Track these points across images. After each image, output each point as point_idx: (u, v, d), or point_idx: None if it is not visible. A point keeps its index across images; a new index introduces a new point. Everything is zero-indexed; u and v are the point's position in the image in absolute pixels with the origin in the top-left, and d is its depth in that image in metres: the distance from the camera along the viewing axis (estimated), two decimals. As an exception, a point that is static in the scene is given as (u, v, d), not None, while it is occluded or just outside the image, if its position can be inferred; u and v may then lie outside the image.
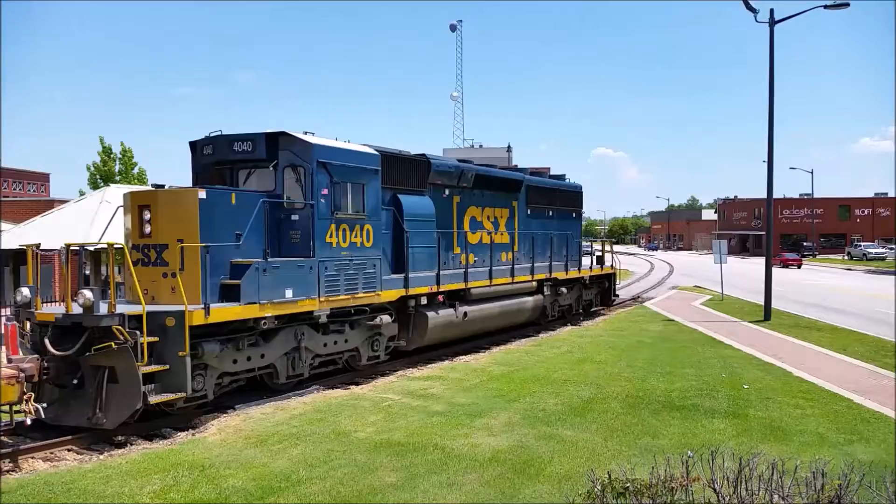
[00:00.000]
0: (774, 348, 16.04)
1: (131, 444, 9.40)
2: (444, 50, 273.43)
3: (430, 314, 14.70)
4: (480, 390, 11.96)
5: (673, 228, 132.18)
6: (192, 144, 12.95)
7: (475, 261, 16.56)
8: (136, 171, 35.61)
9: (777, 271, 25.96)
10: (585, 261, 23.24)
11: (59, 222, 20.82)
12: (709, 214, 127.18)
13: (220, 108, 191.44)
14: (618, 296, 26.58)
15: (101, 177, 34.28)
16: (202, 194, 10.58)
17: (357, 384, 12.83)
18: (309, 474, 7.73)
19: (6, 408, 8.99)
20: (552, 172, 23.45)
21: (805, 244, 78.77)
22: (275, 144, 11.97)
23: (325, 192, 12.04)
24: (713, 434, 9.13)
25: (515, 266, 18.17)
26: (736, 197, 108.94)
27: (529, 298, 18.79)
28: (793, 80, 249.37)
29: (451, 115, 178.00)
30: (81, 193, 32.74)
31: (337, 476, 7.65)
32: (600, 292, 24.27)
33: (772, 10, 21.68)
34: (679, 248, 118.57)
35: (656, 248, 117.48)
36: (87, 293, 9.34)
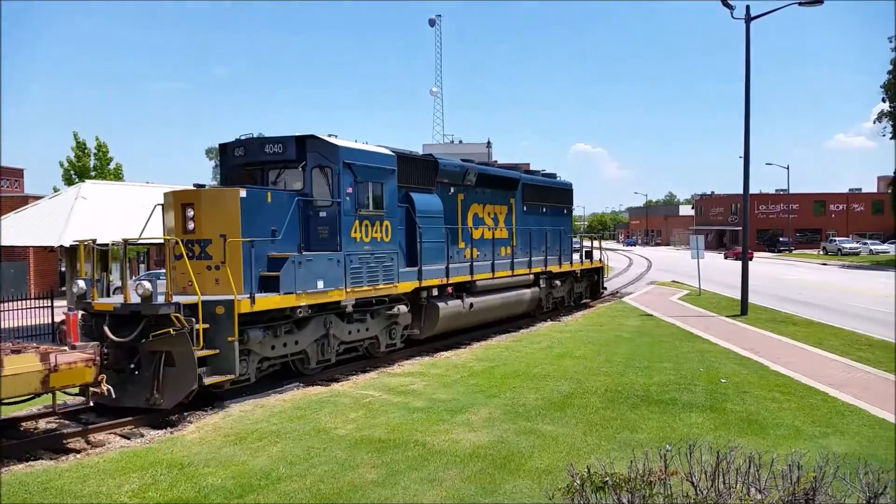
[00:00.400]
0: (751, 342, 16.22)
1: (108, 443, 9.31)
2: (423, 45, 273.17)
3: (441, 305, 15.59)
4: (461, 386, 11.98)
5: (651, 224, 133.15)
6: (223, 146, 13.83)
7: (478, 255, 17.40)
8: (112, 166, 35.13)
9: (752, 266, 26.23)
10: (575, 256, 24.57)
11: (33, 218, 20.50)
12: (686, 210, 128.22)
13: (197, 103, 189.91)
14: (605, 288, 27.92)
15: (76, 172, 33.78)
16: (243, 193, 11.43)
17: (337, 381, 12.80)
18: (289, 472, 7.71)
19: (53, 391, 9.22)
20: (532, 168, 23.74)
21: (781, 239, 79.62)
22: (303, 146, 12.82)
23: (349, 190, 12.92)
24: (691, 428, 9.22)
25: (514, 260, 19.20)
26: (713, 192, 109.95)
27: (527, 291, 19.79)
28: (769, 76, 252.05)
29: (431, 110, 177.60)
30: (56, 190, 32.28)
31: (317, 473, 7.64)
32: (589, 285, 25.38)
33: (748, 7, 21.93)
34: (657, 244, 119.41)
35: (634, 244, 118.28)
36: (147, 284, 10.17)
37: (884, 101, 53.79)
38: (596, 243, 26.91)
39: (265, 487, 7.26)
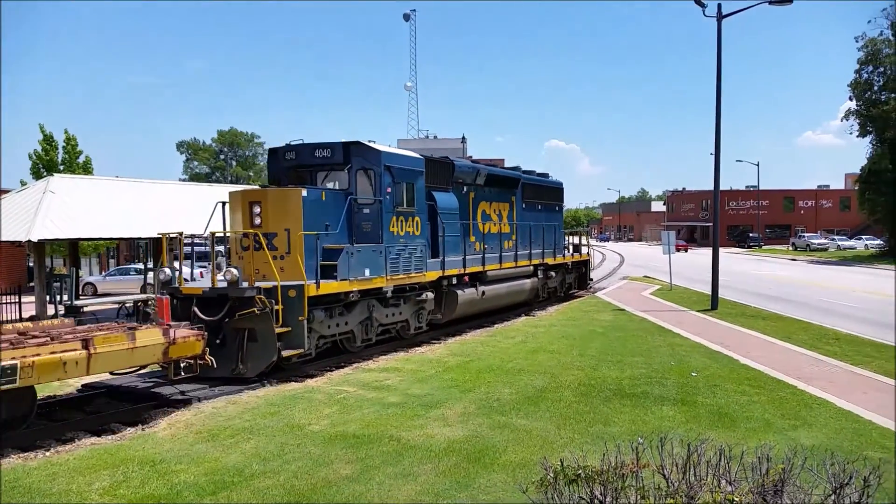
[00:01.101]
0: (721, 337, 16.44)
1: (78, 440, 9.18)
2: (398, 39, 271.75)
3: (460, 292, 17.43)
4: (436, 381, 12.00)
5: (624, 220, 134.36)
6: (273, 150, 15.40)
7: (487, 248, 19.08)
8: (81, 160, 34.61)
9: (723, 262, 26.60)
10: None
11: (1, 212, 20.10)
12: (658, 206, 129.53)
13: (171, 97, 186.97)
14: (592, 279, 29.85)
15: (44, 166, 33.25)
16: (304, 192, 12.91)
17: (311, 377, 12.75)
18: (262, 468, 7.66)
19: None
20: (507, 164, 24.35)
21: (751, 235, 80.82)
22: (349, 151, 14.31)
23: (388, 190, 14.49)
24: (663, 421, 9.32)
25: (517, 252, 21.06)
26: (684, 189, 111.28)
27: (528, 280, 21.72)
28: (740, 75, 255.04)
29: (406, 105, 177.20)
30: (23, 183, 31.72)
31: (291, 470, 7.60)
32: (578, 276, 27.33)
33: (719, 5, 22.17)
34: (630, 239, 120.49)
35: (608, 239, 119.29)
36: (234, 270, 11.90)
37: (851, 99, 54.82)
38: (584, 239, 29.32)
39: (238, 484, 7.21)
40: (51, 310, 20.90)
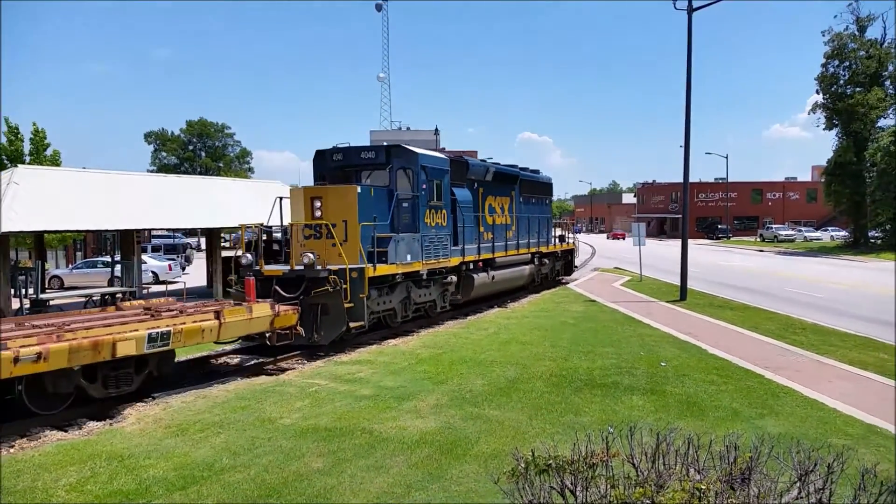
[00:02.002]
0: (690, 327, 16.65)
1: (44, 436, 9.02)
2: (370, 30, 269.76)
3: (475, 276, 19.77)
4: (408, 373, 11.99)
5: (595, 212, 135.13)
6: (320, 152, 17.36)
7: (493, 237, 21.20)
8: (49, 152, 34.01)
9: (692, 253, 26.94)
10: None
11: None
12: (629, 198, 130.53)
13: (137, 87, 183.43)
14: (577, 267, 32.36)
15: (9, 157, 32.57)
16: (358, 189, 14.94)
17: (282, 370, 12.66)
18: (232, 462, 7.60)
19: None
20: (481, 156, 24.67)
21: (720, 227, 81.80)
22: (390, 153, 16.49)
23: (423, 186, 16.64)
24: (632, 410, 9.41)
25: (518, 241, 23.30)
26: (654, 181, 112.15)
27: (526, 267, 24.09)
28: (710, 68, 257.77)
29: (379, 96, 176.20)
30: (-15, 175, 30.99)
31: (262, 463, 7.55)
32: (565, 264, 29.85)
33: (690, -1, 22.32)
34: (601, 231, 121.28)
35: (579, 231, 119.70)
36: (311, 255, 14.08)
37: (818, 92, 55.66)
38: (570, 235, 31.68)
39: (208, 479, 7.14)
40: (16, 304, 20.48)
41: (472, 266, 19.62)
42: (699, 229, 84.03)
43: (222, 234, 31.05)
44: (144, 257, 30.74)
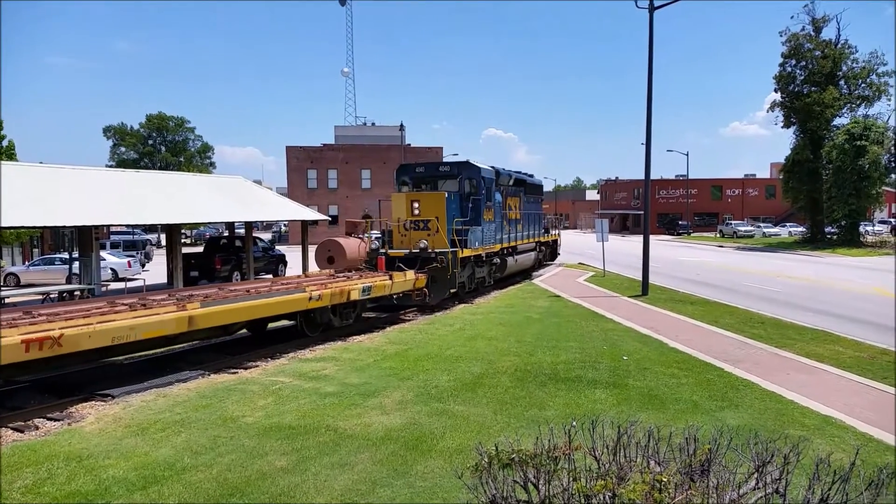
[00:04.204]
0: (651, 321, 16.88)
1: (-2, 439, 8.80)
2: (334, 24, 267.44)
3: (508, 259, 25.58)
4: (374, 370, 11.95)
5: (560, 208, 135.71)
6: (405, 165, 24.02)
7: (510, 230, 26.10)
8: (5, 143, 33.18)
9: (653, 249, 27.32)
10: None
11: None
12: (592, 195, 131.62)
13: (99, 81, 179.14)
14: (560, 254, 37.83)
15: (-39, 150, 31.67)
16: (446, 194, 20.70)
17: (245, 368, 12.53)
18: (194, 462, 7.50)
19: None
20: (446, 152, 26.65)
21: (680, 223, 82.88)
22: (460, 167, 22.33)
23: (483, 192, 22.13)
24: (595, 404, 9.52)
25: (528, 233, 29.09)
26: (617, 178, 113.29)
27: (533, 253, 30.00)
28: (671, 67, 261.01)
29: (343, 91, 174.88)
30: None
31: (224, 462, 7.46)
32: (551, 251, 35.69)
33: (651, -3, 22.61)
34: (565, 227, 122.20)
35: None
36: (424, 242, 19.74)
37: (776, 91, 56.67)
38: (554, 229, 37.19)
39: (169, 478, 7.03)
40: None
41: (505, 252, 25.01)
42: (660, 225, 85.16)
43: (182, 231, 30.53)
44: (103, 254, 30.10)
